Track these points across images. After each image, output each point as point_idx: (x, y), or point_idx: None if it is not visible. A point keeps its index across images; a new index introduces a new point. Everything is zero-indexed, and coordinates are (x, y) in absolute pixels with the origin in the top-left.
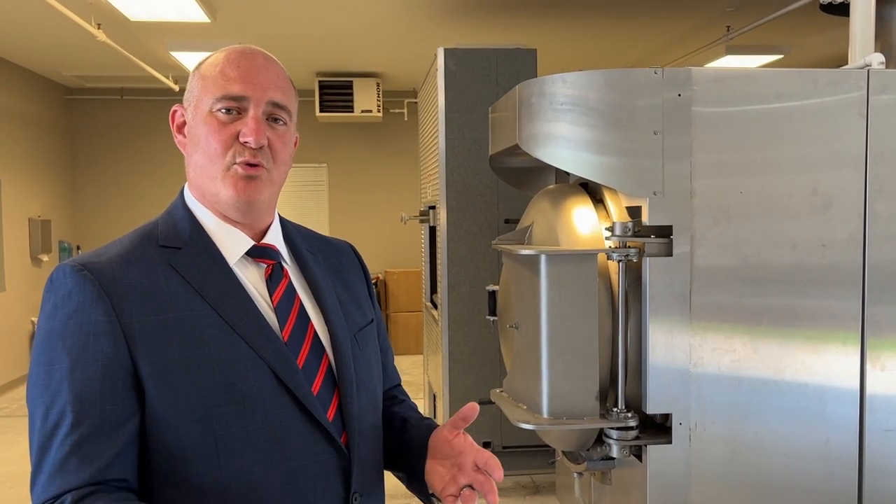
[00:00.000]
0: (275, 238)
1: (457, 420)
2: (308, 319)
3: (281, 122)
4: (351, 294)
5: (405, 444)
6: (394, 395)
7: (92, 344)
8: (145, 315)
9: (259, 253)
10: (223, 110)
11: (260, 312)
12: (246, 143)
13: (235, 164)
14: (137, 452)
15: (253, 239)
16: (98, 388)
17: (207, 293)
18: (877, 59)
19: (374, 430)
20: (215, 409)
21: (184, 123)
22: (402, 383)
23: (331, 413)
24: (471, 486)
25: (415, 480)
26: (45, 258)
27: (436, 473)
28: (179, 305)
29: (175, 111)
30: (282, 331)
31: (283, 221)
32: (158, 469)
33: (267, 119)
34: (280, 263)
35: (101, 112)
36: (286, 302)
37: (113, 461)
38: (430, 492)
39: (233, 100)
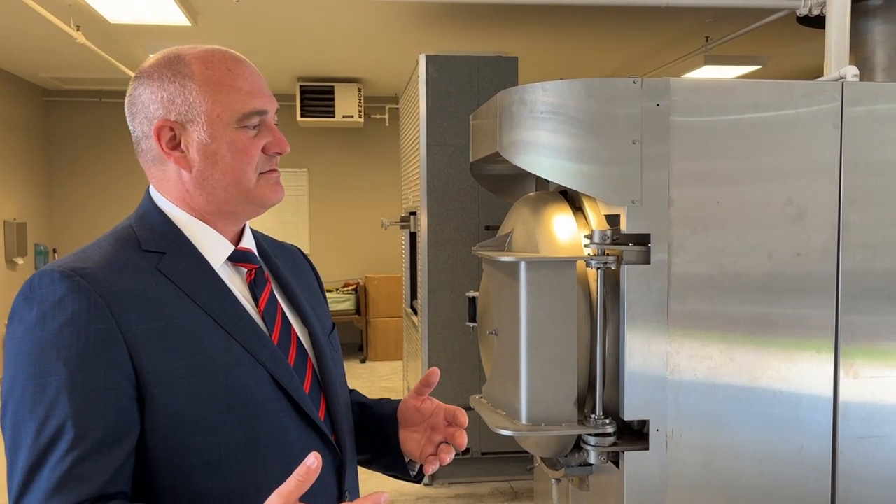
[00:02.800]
0: (249, 241)
1: (420, 387)
2: (289, 322)
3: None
4: (315, 298)
5: (372, 423)
6: None
7: (93, 353)
8: (144, 322)
9: (239, 257)
10: (252, 126)
11: (251, 317)
12: (278, 153)
13: (263, 172)
14: (134, 463)
15: (231, 241)
16: (101, 399)
17: (200, 298)
18: (851, 71)
19: (352, 428)
20: (219, 415)
21: (172, 139)
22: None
23: (321, 414)
24: (445, 442)
25: (387, 453)
26: (20, 261)
27: (411, 441)
28: (176, 311)
29: (161, 127)
30: (270, 334)
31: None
32: (159, 478)
33: None
34: (262, 268)
35: (80, 114)
36: (271, 307)
37: (114, 475)
38: (408, 459)
39: (258, 114)
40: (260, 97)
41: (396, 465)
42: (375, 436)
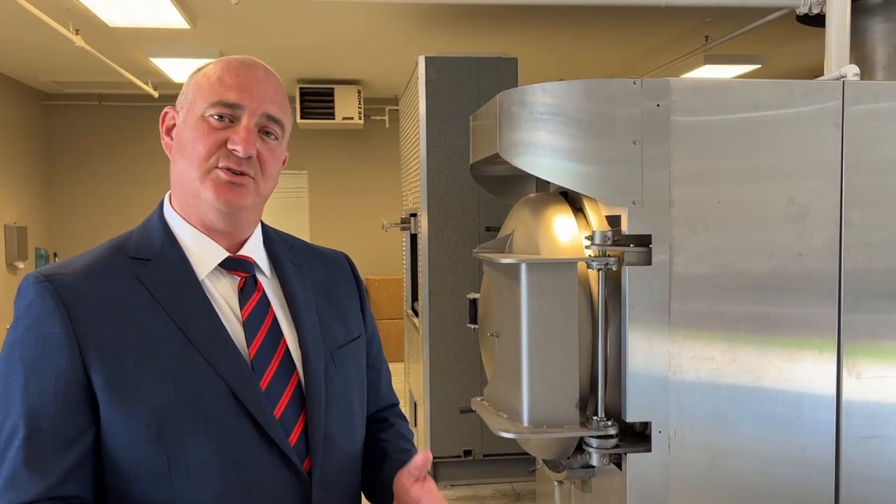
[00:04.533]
0: (253, 249)
1: (412, 469)
2: (281, 335)
3: (273, 137)
4: (337, 309)
5: (380, 481)
6: (384, 418)
7: (47, 356)
8: (103, 329)
9: (234, 265)
10: (215, 116)
11: (225, 328)
12: (234, 150)
13: (218, 167)
14: (93, 469)
15: (229, 250)
16: (51, 401)
17: (171, 307)
18: (851, 70)
19: (348, 455)
20: (169, 427)
21: (173, 126)
22: (398, 405)
23: (294, 436)
24: None
25: None
26: (21, 265)
27: None
28: (139, 319)
29: (166, 113)
30: (249, 346)
31: (267, 231)
32: (111, 486)
33: (259, 131)
34: (254, 276)
35: (79, 118)
36: (257, 316)
37: (66, 477)
38: None
39: (227, 106)
40: (236, 91)
41: None
42: (380, 498)
